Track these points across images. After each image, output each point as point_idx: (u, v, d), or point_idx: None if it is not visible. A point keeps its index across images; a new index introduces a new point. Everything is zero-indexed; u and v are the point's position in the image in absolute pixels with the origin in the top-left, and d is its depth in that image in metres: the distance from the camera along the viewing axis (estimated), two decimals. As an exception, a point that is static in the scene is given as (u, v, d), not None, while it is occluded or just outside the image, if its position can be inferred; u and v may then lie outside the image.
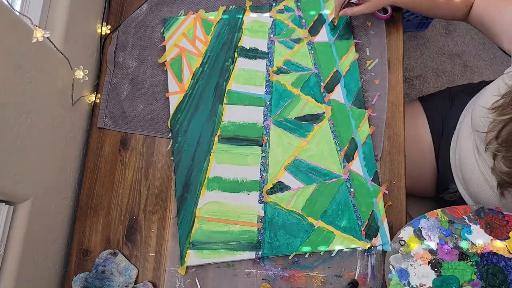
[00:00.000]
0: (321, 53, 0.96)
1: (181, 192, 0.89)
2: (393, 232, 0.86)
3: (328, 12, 0.98)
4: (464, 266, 0.78)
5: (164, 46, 0.98)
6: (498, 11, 0.83)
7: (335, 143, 0.90)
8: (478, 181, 0.85)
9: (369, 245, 0.85)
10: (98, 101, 0.96)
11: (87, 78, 0.87)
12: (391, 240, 0.85)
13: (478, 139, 0.83)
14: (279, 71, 0.95)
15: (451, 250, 0.79)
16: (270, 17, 0.99)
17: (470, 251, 0.79)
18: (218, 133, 0.92)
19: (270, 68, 0.96)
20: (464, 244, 0.79)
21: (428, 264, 0.79)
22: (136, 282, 0.86)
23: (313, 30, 0.97)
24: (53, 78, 0.80)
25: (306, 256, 0.85)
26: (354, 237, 0.85)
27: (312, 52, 0.96)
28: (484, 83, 0.99)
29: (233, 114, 0.93)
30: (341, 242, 0.85)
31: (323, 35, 0.97)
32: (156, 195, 0.91)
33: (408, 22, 1.65)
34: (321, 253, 0.85)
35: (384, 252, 0.85)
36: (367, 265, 0.84)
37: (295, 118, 0.92)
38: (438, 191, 1.03)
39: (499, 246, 0.79)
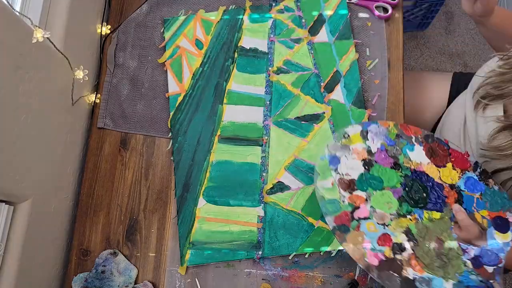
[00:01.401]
0: (321, 53, 0.96)
1: (181, 192, 0.89)
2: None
3: (328, 12, 0.98)
4: (392, 173, 0.81)
5: (164, 46, 0.98)
6: None
7: (335, 143, 0.90)
8: (459, 144, 0.90)
9: (369, 245, 0.85)
10: (98, 101, 0.96)
11: (87, 78, 0.87)
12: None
13: (470, 96, 0.87)
14: (279, 71, 0.95)
15: (387, 158, 0.82)
16: (270, 17, 0.99)
17: (405, 164, 0.82)
18: (218, 133, 0.92)
19: (270, 68, 0.96)
20: (401, 158, 0.82)
21: (361, 161, 0.81)
22: (136, 282, 0.86)
23: (313, 30, 0.97)
24: (53, 78, 0.80)
25: (306, 256, 0.85)
26: (354, 237, 0.85)
27: (312, 52, 0.96)
28: None
29: (233, 114, 0.93)
30: (341, 242, 0.85)
31: (323, 35, 0.97)
32: (156, 195, 0.91)
33: (408, 22, 1.65)
34: (321, 253, 0.85)
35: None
36: (367, 265, 0.84)
37: (295, 118, 0.92)
38: None
39: (432, 170, 0.82)
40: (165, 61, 0.97)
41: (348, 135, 0.83)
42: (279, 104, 0.93)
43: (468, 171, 0.82)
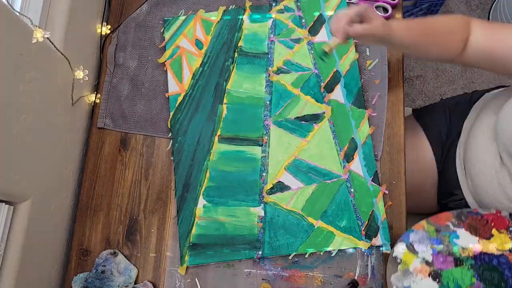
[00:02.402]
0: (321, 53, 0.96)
1: (181, 192, 0.89)
2: (393, 232, 0.86)
3: (329, 12, 0.98)
4: (462, 272, 0.78)
5: (164, 46, 0.98)
6: (503, 40, 0.77)
7: (335, 143, 0.90)
8: (494, 191, 0.85)
9: (369, 245, 0.85)
10: (98, 101, 0.96)
11: (87, 78, 0.87)
12: (390, 241, 0.85)
13: (505, 152, 0.82)
14: (279, 71, 0.95)
15: (445, 258, 0.80)
16: (270, 17, 0.99)
17: (463, 255, 0.80)
18: (218, 133, 0.92)
19: (270, 68, 0.96)
20: (455, 250, 0.80)
21: (429, 277, 0.79)
22: (136, 282, 0.86)
23: (313, 30, 0.97)
24: (53, 78, 0.80)
25: (306, 256, 0.85)
26: (354, 237, 0.85)
27: (312, 52, 0.96)
28: (477, 93, 1.00)
29: (233, 114, 0.93)
30: (341, 242, 0.85)
31: (323, 35, 0.97)
32: (156, 195, 0.91)
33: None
34: (321, 253, 0.85)
35: (384, 254, 0.85)
36: (367, 265, 0.84)
37: (295, 118, 0.92)
38: (440, 198, 1.03)
39: (486, 245, 0.80)
40: (165, 61, 0.97)
41: (400, 259, 0.80)
42: (279, 104, 0.93)
43: (511, 227, 0.81)
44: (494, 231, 0.81)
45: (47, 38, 0.71)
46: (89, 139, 0.95)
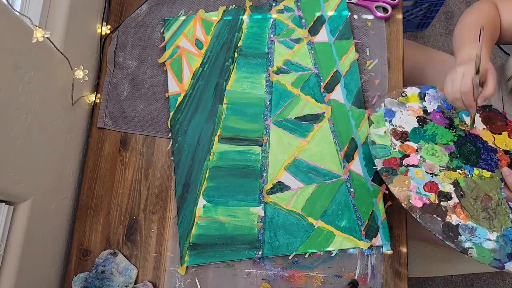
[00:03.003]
0: (321, 53, 0.96)
1: (181, 192, 0.89)
2: (393, 232, 0.86)
3: (329, 12, 0.98)
4: (446, 132, 0.83)
5: (164, 46, 0.98)
6: None
7: (335, 143, 0.90)
8: None
9: (369, 245, 0.85)
10: (98, 101, 0.96)
11: (87, 78, 0.87)
12: (390, 241, 0.85)
13: None
14: (279, 71, 0.95)
15: (442, 119, 0.84)
16: (270, 17, 0.99)
17: (459, 126, 0.83)
18: (218, 133, 0.92)
19: (270, 68, 0.96)
20: (457, 121, 0.84)
21: (416, 117, 0.83)
22: (136, 282, 0.86)
23: (313, 30, 0.97)
24: (53, 78, 0.80)
25: (306, 256, 0.85)
26: (354, 237, 0.85)
27: (312, 52, 0.96)
28: None
29: (233, 114, 0.93)
30: (341, 242, 0.85)
31: (323, 35, 0.97)
32: (156, 195, 0.91)
33: (408, 22, 1.65)
34: (321, 253, 0.85)
35: (384, 252, 0.85)
36: (367, 265, 0.84)
37: (295, 118, 0.92)
38: None
39: (487, 135, 0.83)
40: (165, 61, 0.97)
41: (406, 94, 0.86)
42: (279, 104, 0.93)
43: None
44: (505, 133, 0.84)
45: (47, 38, 0.71)
46: (89, 139, 0.95)
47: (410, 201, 0.75)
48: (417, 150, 0.81)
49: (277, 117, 0.92)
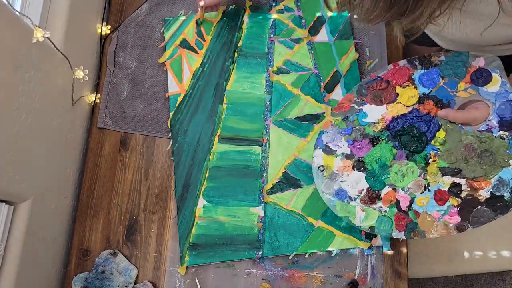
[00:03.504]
0: (321, 53, 0.96)
1: (181, 192, 0.89)
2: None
3: (329, 12, 0.98)
4: (380, 148, 0.77)
5: (164, 46, 0.98)
6: None
7: (335, 143, 0.90)
8: None
9: (369, 245, 0.85)
10: (98, 101, 0.96)
11: (87, 78, 0.87)
12: (390, 241, 0.85)
13: None
14: (279, 71, 0.95)
15: (361, 143, 0.78)
16: (270, 17, 0.99)
17: (377, 131, 0.78)
18: (218, 133, 0.92)
19: (270, 68, 0.96)
20: (368, 129, 0.78)
21: (353, 169, 0.78)
22: (136, 282, 0.86)
23: (313, 30, 0.97)
24: (53, 78, 0.80)
25: (306, 256, 0.85)
26: (354, 237, 0.85)
27: (312, 52, 0.96)
28: None
29: (233, 114, 0.93)
30: (341, 242, 0.85)
31: (323, 35, 0.97)
32: (156, 195, 0.91)
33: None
34: (321, 253, 0.85)
35: (384, 252, 0.85)
36: (367, 265, 0.84)
37: (295, 118, 0.92)
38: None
39: (394, 108, 0.78)
40: (165, 61, 0.97)
41: (323, 166, 0.79)
42: (279, 104, 0.93)
43: (414, 74, 0.78)
44: (398, 88, 0.78)
45: (47, 38, 0.71)
46: (89, 139, 0.95)
47: (450, 225, 0.72)
48: (394, 189, 0.76)
49: (277, 117, 0.92)
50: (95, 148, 0.94)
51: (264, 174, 0.89)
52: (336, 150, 0.79)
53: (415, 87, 0.78)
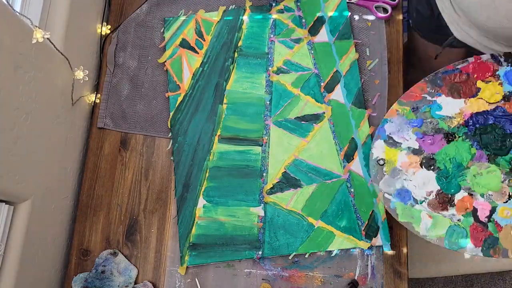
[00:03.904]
0: (321, 53, 0.96)
1: (181, 192, 0.89)
2: (393, 232, 0.86)
3: (329, 12, 0.98)
4: (457, 146, 0.67)
5: (164, 46, 0.98)
6: None
7: (335, 143, 0.90)
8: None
9: (369, 245, 0.85)
10: (98, 101, 0.96)
11: (87, 78, 0.87)
12: (390, 241, 0.85)
13: None
14: (279, 71, 0.95)
15: (434, 138, 0.68)
16: (270, 17, 0.99)
17: (453, 126, 0.68)
18: (218, 133, 0.92)
19: (270, 68, 0.96)
20: (442, 124, 0.68)
21: (422, 167, 0.68)
22: (136, 282, 0.86)
23: (313, 30, 0.97)
24: (53, 78, 0.80)
25: (306, 256, 0.85)
26: (354, 237, 0.85)
27: (312, 52, 0.96)
28: None
29: (233, 114, 0.93)
30: (341, 242, 0.85)
31: (323, 35, 0.97)
32: (156, 195, 0.91)
33: (408, 22, 1.65)
34: (321, 253, 0.85)
35: (384, 252, 0.85)
36: (367, 265, 0.84)
37: (295, 118, 0.92)
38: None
39: (475, 103, 0.68)
40: (165, 61, 0.97)
41: (383, 159, 0.70)
42: (279, 104, 0.93)
43: (498, 71, 0.68)
44: (479, 83, 0.69)
45: (47, 38, 0.71)
46: (89, 139, 0.95)
47: None
48: (471, 195, 0.66)
49: (277, 117, 0.92)
50: (95, 148, 0.94)
51: (264, 174, 0.89)
52: (401, 143, 0.69)
53: (500, 84, 0.68)
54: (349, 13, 0.97)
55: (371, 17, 0.98)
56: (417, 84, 0.72)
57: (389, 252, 0.85)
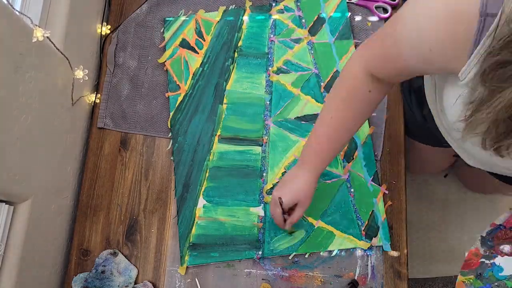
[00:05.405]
0: (321, 53, 0.96)
1: (181, 192, 0.89)
2: (393, 232, 0.86)
3: (328, 12, 0.98)
4: None
5: (164, 46, 0.98)
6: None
7: (335, 143, 0.90)
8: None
9: (369, 245, 0.85)
10: (98, 101, 0.96)
11: (87, 78, 0.87)
12: (390, 241, 0.85)
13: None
14: (279, 71, 0.95)
15: None
16: (270, 17, 0.99)
17: None
18: (218, 133, 0.92)
19: (270, 68, 0.96)
20: (509, 284, 0.69)
21: None
22: (136, 282, 0.86)
23: (313, 30, 0.97)
24: (53, 78, 0.80)
25: (306, 256, 0.85)
26: (354, 237, 0.85)
27: (312, 52, 0.96)
28: None
29: (233, 114, 0.93)
30: (341, 242, 0.85)
31: (323, 35, 0.97)
32: (156, 195, 0.91)
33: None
34: (321, 253, 0.85)
35: (384, 252, 0.85)
36: (367, 265, 0.84)
37: (295, 118, 0.92)
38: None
39: None
40: (165, 61, 0.97)
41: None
42: (279, 104, 0.93)
43: None
44: None
45: (47, 37, 0.71)
46: (89, 139, 0.95)
47: None
48: None
49: (277, 117, 0.92)
50: (95, 148, 0.94)
51: (264, 174, 0.89)
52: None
53: None
54: (349, 13, 0.97)
55: (371, 17, 0.98)
56: (470, 251, 0.73)
57: (389, 252, 0.85)
